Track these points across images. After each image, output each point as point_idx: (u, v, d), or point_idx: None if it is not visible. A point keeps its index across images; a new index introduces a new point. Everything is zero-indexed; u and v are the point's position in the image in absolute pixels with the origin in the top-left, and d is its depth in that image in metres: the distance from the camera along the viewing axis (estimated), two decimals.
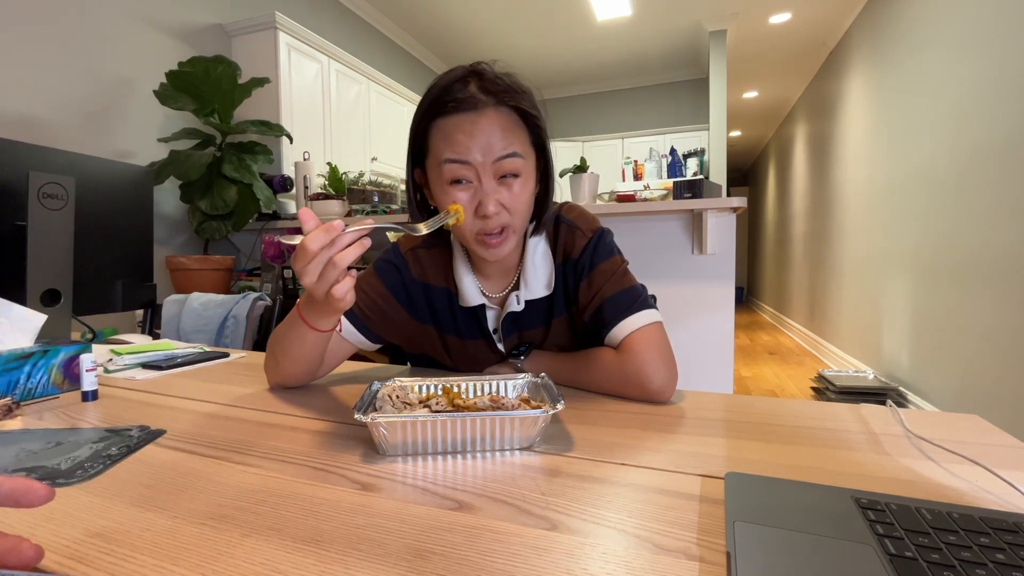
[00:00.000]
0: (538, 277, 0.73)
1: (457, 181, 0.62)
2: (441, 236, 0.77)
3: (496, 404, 0.53)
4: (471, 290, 0.73)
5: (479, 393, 0.58)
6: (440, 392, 0.57)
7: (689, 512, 0.37)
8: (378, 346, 0.77)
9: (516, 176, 0.63)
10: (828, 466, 0.44)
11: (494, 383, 0.59)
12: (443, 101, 0.61)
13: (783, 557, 0.29)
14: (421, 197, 0.71)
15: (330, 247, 0.49)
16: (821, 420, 0.56)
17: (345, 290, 0.51)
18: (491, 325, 0.76)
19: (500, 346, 0.77)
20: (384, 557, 0.31)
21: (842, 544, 0.30)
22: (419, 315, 0.77)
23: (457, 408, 0.52)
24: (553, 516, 0.36)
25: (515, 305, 0.72)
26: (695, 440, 0.51)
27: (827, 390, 2.85)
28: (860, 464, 0.45)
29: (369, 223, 0.52)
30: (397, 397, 0.56)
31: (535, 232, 0.73)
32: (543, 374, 0.58)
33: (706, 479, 0.42)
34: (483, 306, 0.75)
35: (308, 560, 0.31)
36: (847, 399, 2.67)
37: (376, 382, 0.56)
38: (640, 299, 0.70)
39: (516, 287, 0.74)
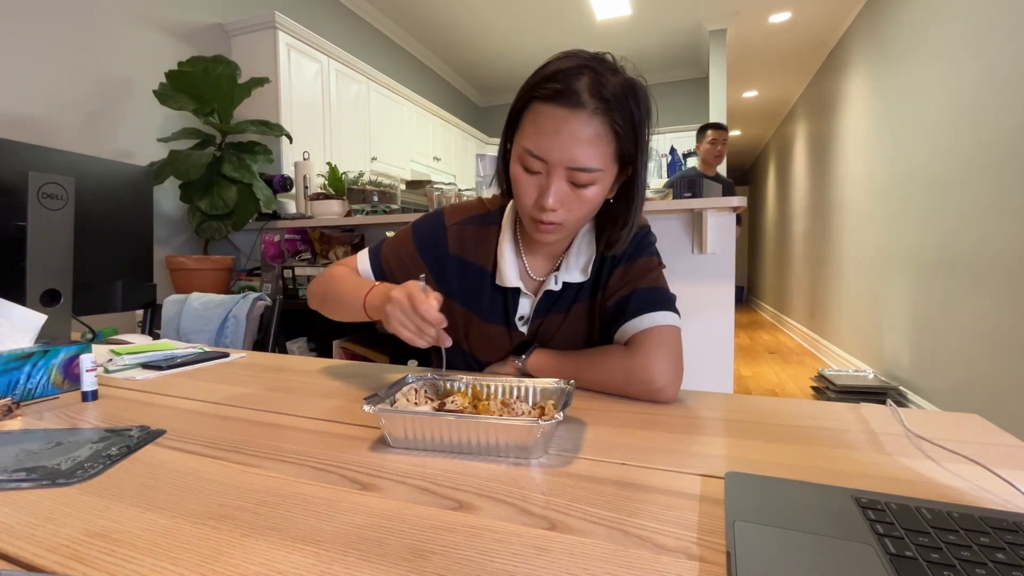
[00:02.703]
0: (579, 262, 0.75)
1: (528, 169, 0.64)
2: (493, 215, 0.79)
3: (507, 409, 0.53)
4: (511, 272, 0.75)
5: (505, 395, 0.58)
6: (464, 389, 0.58)
7: (689, 512, 0.37)
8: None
9: (587, 186, 0.63)
10: (828, 466, 0.44)
11: (522, 387, 0.58)
12: (547, 84, 0.60)
13: (783, 557, 0.29)
14: (506, 168, 0.70)
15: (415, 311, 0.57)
16: (821, 420, 0.56)
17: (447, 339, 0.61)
18: (520, 312, 0.77)
19: (523, 330, 0.78)
20: (384, 557, 0.31)
21: (842, 544, 0.30)
22: (445, 288, 0.79)
23: (474, 408, 0.53)
24: (553, 516, 0.36)
25: (553, 284, 0.74)
26: (695, 440, 0.51)
27: (827, 389, 2.85)
28: (860, 464, 0.45)
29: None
30: (416, 392, 0.56)
31: (607, 249, 0.74)
32: (572, 381, 0.57)
33: (706, 479, 0.42)
34: (517, 290, 0.76)
35: (308, 560, 0.31)
36: (847, 398, 2.67)
37: (411, 375, 0.59)
38: (669, 301, 0.71)
39: (557, 270, 0.76)
